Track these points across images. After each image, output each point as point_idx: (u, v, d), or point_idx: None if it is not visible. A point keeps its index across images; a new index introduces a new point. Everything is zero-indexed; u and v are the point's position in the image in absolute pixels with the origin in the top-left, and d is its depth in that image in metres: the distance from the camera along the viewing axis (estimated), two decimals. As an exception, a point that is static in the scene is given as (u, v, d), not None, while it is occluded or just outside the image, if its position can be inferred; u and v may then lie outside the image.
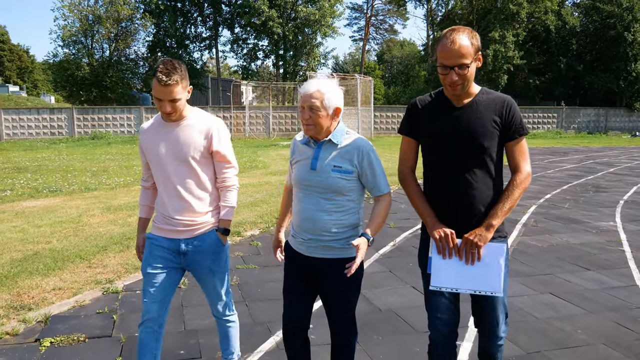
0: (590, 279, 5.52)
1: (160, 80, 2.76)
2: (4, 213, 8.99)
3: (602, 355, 3.77)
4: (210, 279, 3.12)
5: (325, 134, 2.75)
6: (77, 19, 41.62)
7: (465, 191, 2.59)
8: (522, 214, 9.03)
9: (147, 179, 3.20)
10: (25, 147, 26.37)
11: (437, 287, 2.63)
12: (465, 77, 2.51)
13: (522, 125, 2.59)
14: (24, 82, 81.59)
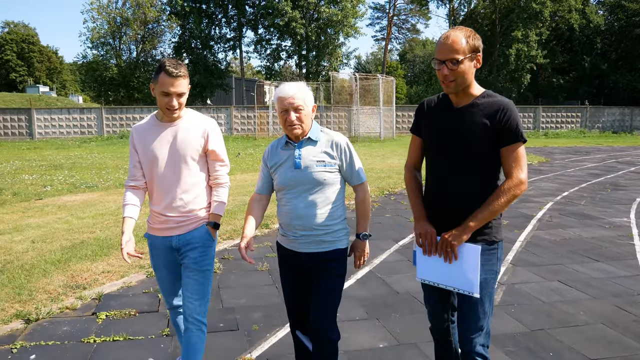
0: (597, 269, 5.87)
1: (170, 73, 2.86)
2: (48, 206, 9.62)
3: (600, 334, 4.16)
4: (195, 274, 3.11)
5: (303, 133, 2.88)
6: (106, 21, 42.67)
7: (455, 192, 2.62)
8: (538, 210, 9.37)
9: (138, 178, 3.15)
10: (57, 146, 27.25)
11: (421, 279, 2.75)
12: (456, 73, 2.53)
13: (517, 132, 2.54)
14: (53, 83, 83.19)
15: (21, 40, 78.78)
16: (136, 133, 3.12)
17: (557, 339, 4.05)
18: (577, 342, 3.99)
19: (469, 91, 2.61)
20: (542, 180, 13.63)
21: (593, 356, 3.76)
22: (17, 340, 4.01)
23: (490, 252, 2.61)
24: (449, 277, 2.61)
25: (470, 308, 2.61)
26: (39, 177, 13.98)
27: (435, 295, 2.81)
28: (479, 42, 2.58)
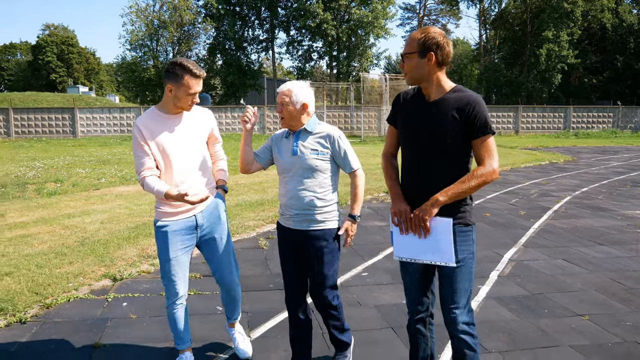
0: (600, 251, 6.58)
1: (197, 75, 3.17)
2: (106, 195, 10.69)
3: (591, 297, 4.91)
4: (221, 242, 3.48)
5: (299, 124, 3.28)
6: (144, 24, 44.21)
7: (424, 177, 2.79)
8: (556, 202, 10.03)
9: (152, 168, 3.26)
10: (100, 143, 28.60)
11: (399, 257, 2.89)
12: (404, 68, 2.80)
13: (486, 125, 2.68)
14: (91, 83, 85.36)
15: (61, 42, 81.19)
16: (144, 128, 3.24)
17: (553, 300, 4.83)
18: (570, 303, 4.76)
19: (441, 86, 2.76)
20: (564, 177, 14.20)
21: (580, 312, 4.54)
22: (109, 293, 4.97)
23: (466, 234, 2.79)
24: (424, 252, 2.77)
25: (449, 287, 2.77)
26: (91, 170, 15.13)
27: (409, 275, 2.96)
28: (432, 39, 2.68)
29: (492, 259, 6.13)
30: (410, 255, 2.83)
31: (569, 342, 3.96)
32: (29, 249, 6.40)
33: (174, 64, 3.15)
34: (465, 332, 2.77)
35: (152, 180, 3.22)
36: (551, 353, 3.78)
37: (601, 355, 3.73)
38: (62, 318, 4.39)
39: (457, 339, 2.79)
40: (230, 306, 3.73)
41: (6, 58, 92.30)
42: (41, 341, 3.96)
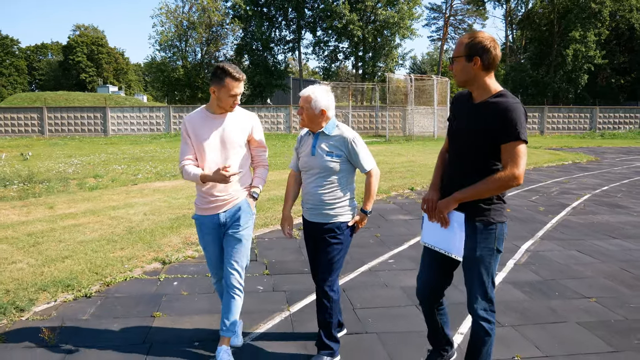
0: (614, 244, 6.94)
1: (237, 78, 3.40)
2: (145, 190, 11.33)
3: (600, 283, 5.32)
4: (238, 243, 3.63)
5: (318, 127, 3.53)
6: (173, 25, 45.15)
7: (455, 172, 3.02)
8: (575, 200, 10.36)
9: (192, 158, 3.59)
10: (131, 141, 29.47)
11: (423, 242, 3.20)
12: (453, 70, 2.97)
13: (517, 132, 2.75)
14: (119, 83, 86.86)
15: (91, 43, 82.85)
16: (189, 123, 3.58)
17: (564, 285, 5.25)
18: (579, 287, 5.18)
19: (488, 89, 2.90)
20: (586, 176, 14.45)
21: (588, 295, 4.96)
22: (161, 274, 5.54)
23: (488, 232, 2.93)
24: (441, 241, 3.03)
25: (471, 280, 3.02)
26: (127, 167, 15.86)
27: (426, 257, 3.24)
28: (482, 45, 2.83)
29: (510, 250, 6.55)
30: (432, 242, 3.11)
31: (576, 319, 4.39)
32: (82, 237, 7.02)
33: (217, 67, 3.41)
34: (483, 319, 3.01)
35: (189, 167, 3.56)
36: (559, 328, 4.22)
37: (604, 330, 4.16)
38: (121, 294, 4.97)
39: (475, 323, 3.05)
40: (224, 312, 3.64)
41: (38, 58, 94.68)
42: (107, 312, 4.53)
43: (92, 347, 3.84)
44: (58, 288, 4.98)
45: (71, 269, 5.55)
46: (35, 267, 5.64)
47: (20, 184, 11.87)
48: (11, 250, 6.32)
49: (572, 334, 4.11)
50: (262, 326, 4.25)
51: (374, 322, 4.34)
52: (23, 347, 3.83)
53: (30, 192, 10.84)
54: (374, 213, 8.90)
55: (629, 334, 4.11)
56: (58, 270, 5.50)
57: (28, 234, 7.12)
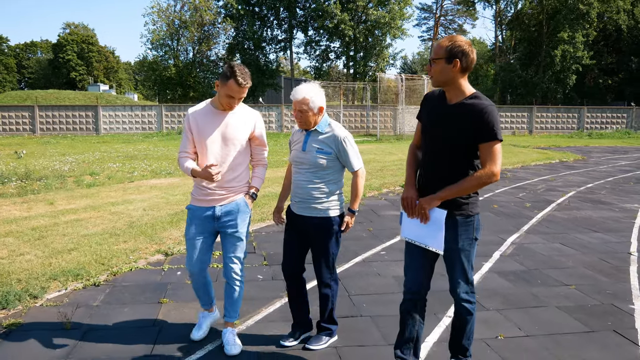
0: (595, 237, 7.29)
1: (240, 83, 3.47)
2: (141, 187, 11.57)
3: (580, 272, 5.65)
4: (235, 239, 3.77)
5: (313, 125, 3.61)
6: (165, 24, 45.22)
7: (436, 169, 3.13)
8: (560, 197, 10.72)
9: (189, 151, 3.73)
10: (123, 140, 29.57)
11: (404, 237, 3.30)
12: (430, 71, 3.08)
13: (494, 131, 2.93)
14: (110, 81, 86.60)
15: (81, 41, 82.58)
16: (192, 117, 3.69)
17: (546, 274, 5.58)
18: (560, 276, 5.51)
19: (462, 91, 3.05)
20: (572, 174, 14.84)
21: (568, 282, 5.30)
22: (164, 264, 5.81)
23: (467, 224, 3.13)
24: (423, 236, 3.16)
25: (453, 268, 3.18)
26: (122, 165, 16.06)
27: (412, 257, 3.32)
28: (460, 50, 2.96)
29: (496, 242, 6.88)
30: (413, 237, 3.23)
31: (556, 303, 4.72)
32: (85, 231, 7.27)
33: (229, 66, 3.50)
34: (465, 300, 3.23)
35: (185, 160, 3.70)
36: (539, 311, 4.54)
37: (581, 313, 4.48)
38: (128, 282, 5.23)
39: (458, 304, 3.25)
40: (227, 302, 3.89)
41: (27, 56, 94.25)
42: (116, 298, 4.80)
43: (106, 329, 4.12)
44: (68, 277, 5.24)
45: (78, 260, 5.80)
46: (43, 258, 5.89)
47: (18, 181, 12.05)
48: (18, 243, 6.56)
49: (552, 316, 4.43)
50: (263, 310, 4.53)
51: (368, 306, 4.64)
52: (41, 330, 4.09)
53: (29, 189, 11.03)
54: (367, 209, 9.21)
55: (604, 317, 4.43)
56: (65, 262, 5.75)
57: (32, 228, 7.35)
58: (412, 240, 3.25)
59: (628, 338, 4.02)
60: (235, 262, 3.80)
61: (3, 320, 4.26)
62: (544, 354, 3.74)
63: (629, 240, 7.12)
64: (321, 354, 3.74)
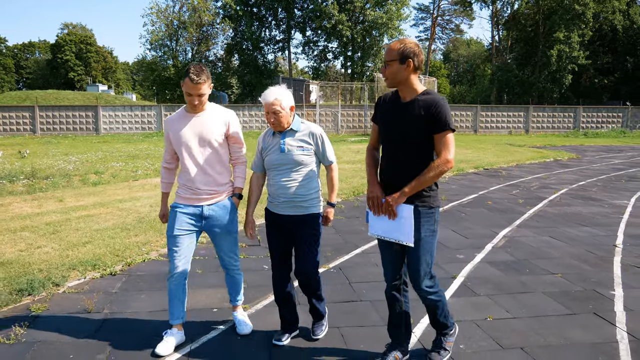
0: (583, 231, 7.64)
1: (192, 79, 3.56)
2: (146, 185, 11.91)
3: (567, 262, 6.01)
4: (227, 237, 3.92)
5: (288, 125, 3.67)
6: (164, 25, 45.57)
7: (397, 166, 3.30)
8: (552, 193, 11.08)
9: (170, 162, 3.95)
10: (123, 140, 29.88)
11: (372, 234, 3.44)
12: (385, 72, 3.24)
13: (446, 122, 3.14)
14: (108, 82, 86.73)
15: (79, 41, 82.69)
16: (170, 122, 3.84)
17: (534, 264, 5.94)
18: (548, 265, 5.87)
19: (413, 88, 3.25)
20: (566, 172, 15.21)
21: (555, 271, 5.65)
22: (175, 256, 6.14)
23: (429, 215, 3.29)
24: (391, 231, 3.30)
25: (416, 260, 3.31)
26: (125, 164, 16.38)
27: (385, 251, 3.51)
28: (411, 51, 3.16)
29: (489, 236, 7.23)
30: (381, 233, 3.37)
31: (542, 289, 5.07)
32: (97, 225, 7.60)
33: (188, 66, 3.66)
34: (429, 292, 3.39)
35: (165, 174, 4.02)
36: (527, 296, 4.89)
37: (565, 298, 4.84)
38: (143, 272, 5.57)
39: (422, 297, 3.42)
40: (231, 289, 4.18)
41: (25, 57, 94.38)
42: (133, 286, 5.14)
43: (126, 313, 4.47)
44: (86, 267, 5.58)
45: (93, 252, 6.14)
46: (59, 250, 6.23)
47: (26, 179, 12.38)
48: (34, 237, 6.90)
49: (538, 301, 4.79)
50: (269, 296, 4.86)
51: (367, 292, 4.99)
52: (67, 313, 4.44)
53: (37, 187, 11.36)
54: (365, 205, 9.53)
55: (586, 301, 4.79)
56: (82, 254, 6.09)
57: (46, 223, 7.69)
58: (381, 237, 3.40)
59: (607, 319, 4.37)
60: (230, 256, 4.01)
61: (30, 304, 4.60)
62: (529, 333, 4.09)
63: (616, 234, 7.48)
64: (326, 334, 4.07)
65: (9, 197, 10.15)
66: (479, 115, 36.25)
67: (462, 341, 3.93)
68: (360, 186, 11.45)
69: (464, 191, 11.33)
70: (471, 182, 12.93)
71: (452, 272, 5.62)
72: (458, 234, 7.37)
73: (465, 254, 6.36)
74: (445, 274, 5.55)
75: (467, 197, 10.52)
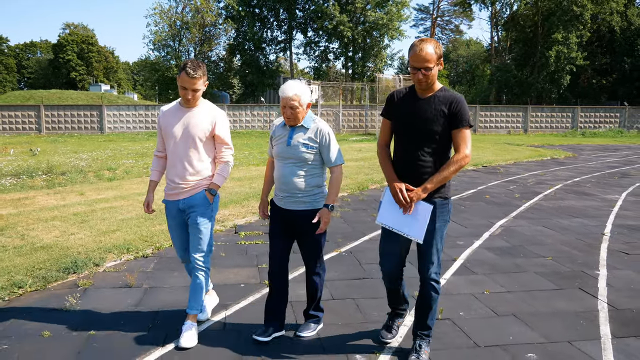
0: (575, 222, 8.20)
1: (188, 73, 3.62)
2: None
3: (558, 248, 6.57)
4: (195, 229, 3.88)
5: (301, 120, 3.67)
6: (167, 25, 46.05)
7: (416, 161, 3.35)
8: (548, 189, 11.64)
9: (161, 150, 4.04)
10: (129, 139, 30.42)
11: (380, 223, 3.50)
12: (428, 76, 3.25)
13: (465, 119, 3.26)
14: (109, 81, 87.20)
15: (81, 41, 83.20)
16: (162, 114, 3.92)
17: (528, 249, 6.50)
18: (540, 250, 6.43)
19: (433, 86, 3.37)
20: (562, 170, 15.77)
21: (546, 255, 6.22)
22: (198, 242, 6.70)
23: (444, 206, 3.43)
24: (402, 225, 3.37)
25: (427, 249, 3.42)
26: (135, 161, 16.92)
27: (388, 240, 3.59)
28: (442, 50, 3.29)
29: (486, 225, 7.79)
30: (389, 224, 3.43)
31: (534, 270, 5.64)
32: (121, 216, 8.15)
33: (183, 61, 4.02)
34: (434, 280, 3.50)
35: (155, 161, 4.11)
36: (520, 275, 5.46)
37: (554, 277, 5.40)
38: (171, 255, 6.12)
39: (427, 283, 3.51)
40: (190, 293, 3.98)
41: (27, 56, 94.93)
42: (165, 266, 5.70)
43: (163, 287, 5.03)
44: (121, 250, 6.15)
45: (124, 238, 6.70)
46: (92, 237, 6.78)
47: (44, 175, 12.93)
48: (65, 226, 7.45)
49: (530, 279, 5.35)
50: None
51: (377, 272, 5.48)
52: (110, 288, 5.00)
53: (56, 182, 11.90)
54: (370, 199, 10.12)
55: (572, 279, 5.35)
56: (113, 239, 6.65)
57: (73, 214, 8.24)
58: (389, 227, 3.45)
59: (590, 293, 4.94)
60: (197, 252, 3.90)
61: (77, 280, 5.17)
62: (521, 304, 4.65)
63: (605, 224, 8.03)
64: (343, 304, 4.62)
65: (31, 191, 10.69)
66: (478, 115, 36.82)
67: (462, 310, 4.50)
68: (364, 182, 12.01)
69: (464, 187, 11.89)
70: (471, 178, 13.49)
71: (452, 255, 6.18)
72: (458, 224, 7.92)
73: (464, 240, 6.91)
74: (446, 257, 6.11)
75: (466, 192, 11.07)
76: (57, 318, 4.28)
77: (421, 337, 3.62)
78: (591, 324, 4.24)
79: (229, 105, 37.88)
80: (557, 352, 3.73)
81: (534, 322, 4.24)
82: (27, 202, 9.31)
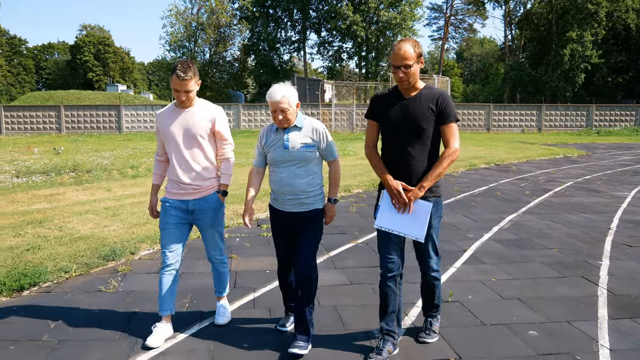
0: (582, 217, 8.52)
1: (179, 76, 3.60)
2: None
3: (564, 240, 6.91)
4: (211, 231, 3.97)
5: (293, 122, 3.64)
6: (183, 26, 46.75)
7: (408, 159, 3.41)
8: (558, 186, 11.94)
9: (161, 155, 4.03)
10: (147, 138, 31.01)
11: (379, 226, 3.49)
12: (409, 74, 3.30)
13: (452, 113, 3.36)
14: (125, 81, 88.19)
15: (97, 42, 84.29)
16: (158, 117, 3.92)
17: (535, 242, 6.86)
18: (547, 243, 6.78)
19: (415, 85, 3.42)
20: (574, 168, 16.02)
21: (552, 247, 6.56)
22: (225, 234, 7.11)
23: (438, 203, 3.55)
24: (401, 226, 3.39)
25: (426, 245, 3.59)
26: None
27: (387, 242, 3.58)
28: (421, 48, 3.36)
29: (496, 220, 8.15)
30: (389, 226, 3.45)
31: (540, 260, 6.00)
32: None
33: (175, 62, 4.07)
34: (435, 270, 3.74)
35: (156, 166, 4.11)
36: (526, 265, 5.82)
37: (559, 267, 5.75)
38: (197, 246, 6.55)
39: (428, 275, 3.74)
40: (216, 281, 4.28)
41: (45, 57, 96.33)
42: (194, 256, 6.13)
43: (195, 272, 5.49)
44: (153, 240, 6.60)
45: (154, 230, 7.15)
46: (125, 228, 7.26)
47: (70, 172, 13.47)
48: (98, 219, 7.93)
49: (535, 268, 5.71)
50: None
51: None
52: (147, 272, 5.47)
53: (83, 179, 12.42)
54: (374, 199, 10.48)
55: (576, 268, 5.70)
56: (144, 231, 7.11)
57: (104, 208, 8.73)
58: (389, 230, 3.47)
59: (591, 281, 5.29)
60: (214, 249, 4.11)
61: (116, 267, 5.64)
62: (526, 290, 5.02)
63: (612, 220, 8.34)
64: (360, 290, 5.02)
65: (61, 187, 11.21)
66: (492, 113, 36.97)
67: (471, 294, 4.88)
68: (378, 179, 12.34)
69: (476, 184, 12.23)
70: (482, 176, 13.82)
71: (462, 246, 6.56)
72: (469, 218, 8.28)
73: (474, 233, 7.28)
74: (457, 247, 6.49)
75: (478, 189, 11.42)
76: (103, 298, 4.75)
77: (431, 315, 3.97)
78: (590, 307, 4.59)
79: (244, 105, 38.40)
80: (556, 330, 4.10)
81: (537, 305, 4.61)
82: (59, 198, 9.82)
